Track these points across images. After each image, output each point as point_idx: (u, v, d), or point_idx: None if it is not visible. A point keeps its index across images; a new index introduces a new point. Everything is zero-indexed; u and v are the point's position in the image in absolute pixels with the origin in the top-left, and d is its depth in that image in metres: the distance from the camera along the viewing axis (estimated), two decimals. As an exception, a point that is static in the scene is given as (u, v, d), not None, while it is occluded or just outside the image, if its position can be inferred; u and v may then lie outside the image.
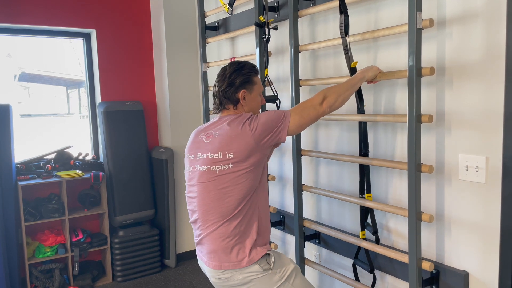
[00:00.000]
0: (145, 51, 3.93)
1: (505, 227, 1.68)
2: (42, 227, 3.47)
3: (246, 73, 1.82)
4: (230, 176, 1.72)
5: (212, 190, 1.74)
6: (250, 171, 1.72)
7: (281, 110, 1.77)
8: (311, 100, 1.78)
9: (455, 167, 1.85)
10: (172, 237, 3.77)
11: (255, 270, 1.74)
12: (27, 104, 3.99)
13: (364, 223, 2.21)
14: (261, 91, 1.91)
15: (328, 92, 1.79)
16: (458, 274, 1.85)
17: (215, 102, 1.88)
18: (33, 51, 3.82)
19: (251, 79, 1.84)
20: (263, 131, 1.71)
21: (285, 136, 1.75)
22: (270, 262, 1.76)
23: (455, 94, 1.82)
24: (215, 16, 3.40)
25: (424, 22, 1.73)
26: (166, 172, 3.68)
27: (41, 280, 3.26)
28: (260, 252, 1.76)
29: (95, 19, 3.67)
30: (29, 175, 3.36)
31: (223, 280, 1.77)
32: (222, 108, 1.85)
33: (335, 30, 2.36)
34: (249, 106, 1.85)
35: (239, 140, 1.70)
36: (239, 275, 1.74)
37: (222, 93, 1.82)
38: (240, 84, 1.81)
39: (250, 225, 1.76)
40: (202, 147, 1.80)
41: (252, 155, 1.71)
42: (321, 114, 1.78)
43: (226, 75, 1.82)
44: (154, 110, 4.01)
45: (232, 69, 1.83)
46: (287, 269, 1.80)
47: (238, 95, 1.81)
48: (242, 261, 1.73)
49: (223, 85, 1.82)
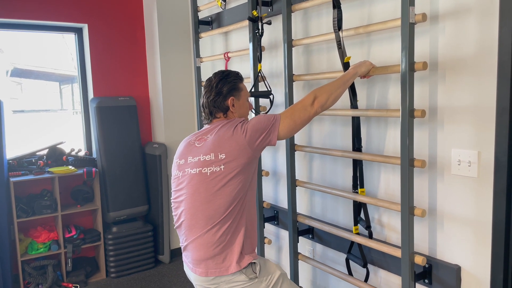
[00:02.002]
0: (138, 46, 3.91)
1: (497, 221, 1.69)
2: (35, 224, 3.45)
3: (232, 81, 1.86)
4: (221, 177, 1.71)
5: (202, 192, 1.74)
6: (241, 173, 1.73)
7: (272, 114, 1.78)
8: (302, 101, 1.78)
9: (448, 162, 1.86)
10: (166, 232, 3.76)
11: (241, 279, 1.73)
12: (19, 100, 3.95)
13: (357, 218, 2.22)
14: (248, 96, 1.95)
15: (319, 92, 1.78)
16: (451, 268, 1.86)
17: (204, 113, 1.90)
18: (25, 46, 3.78)
19: (238, 86, 1.88)
20: (253, 134, 1.72)
21: (276, 139, 1.76)
22: (256, 270, 1.76)
23: (448, 89, 1.83)
24: (208, 11, 3.38)
25: (417, 16, 1.73)
26: (159, 168, 3.67)
27: (34, 277, 3.25)
28: (246, 260, 1.75)
29: (87, 14, 3.64)
30: (21, 171, 3.33)
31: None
32: (213, 118, 1.88)
33: (328, 25, 2.36)
34: (238, 112, 1.89)
35: (231, 142, 1.72)
36: (225, 284, 1.74)
37: (211, 103, 1.85)
38: (228, 92, 1.84)
39: (238, 231, 1.76)
40: (193, 151, 1.81)
41: (243, 156, 1.72)
42: (313, 114, 1.78)
43: (213, 85, 1.86)
44: (147, 105, 3.99)
45: (218, 78, 1.87)
46: (273, 276, 1.80)
47: (227, 103, 1.84)
48: (229, 267, 1.72)
49: (211, 95, 1.85)
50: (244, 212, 1.78)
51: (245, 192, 1.77)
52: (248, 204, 1.80)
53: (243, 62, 3.08)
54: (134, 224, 3.64)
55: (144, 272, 3.64)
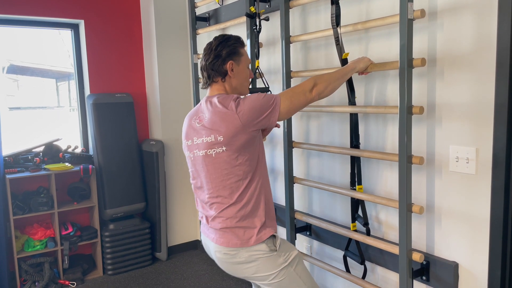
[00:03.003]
0: (135, 42, 3.88)
1: (494, 218, 1.69)
2: (31, 221, 3.43)
3: (232, 44, 1.81)
4: (226, 157, 1.72)
5: (214, 173, 1.76)
6: (245, 149, 1.72)
7: (271, 94, 1.74)
8: (302, 86, 1.76)
9: (446, 159, 1.85)
10: (163, 230, 3.75)
11: (262, 249, 1.75)
12: (16, 97, 3.92)
13: (355, 215, 2.21)
14: (249, 63, 1.89)
15: (319, 80, 1.77)
16: (448, 265, 1.86)
17: (203, 76, 1.86)
18: (22, 43, 3.75)
19: (238, 51, 1.82)
20: (250, 114, 1.68)
21: (276, 120, 1.73)
22: (276, 244, 1.78)
23: (446, 86, 1.82)
24: (205, 7, 3.37)
25: (416, 12, 1.72)
26: (156, 165, 3.65)
27: (31, 274, 3.23)
28: (268, 232, 1.77)
29: (83, 10, 3.61)
30: (17, 168, 3.31)
31: (229, 256, 1.78)
32: (211, 82, 1.84)
33: (326, 21, 2.35)
34: (237, 79, 1.83)
35: (226, 123, 1.69)
36: (245, 253, 1.75)
37: (209, 66, 1.80)
38: (227, 55, 1.79)
39: (258, 206, 1.78)
40: (197, 131, 1.80)
41: (240, 136, 1.69)
42: (309, 101, 1.77)
43: (212, 47, 1.81)
44: (144, 102, 3.98)
45: (218, 41, 1.82)
46: (291, 254, 1.81)
47: (225, 67, 1.79)
48: (250, 239, 1.74)
49: (209, 58, 1.80)
50: (259, 185, 1.79)
51: (255, 166, 1.77)
52: (262, 177, 1.80)
53: (241, 59, 3.07)
54: (131, 221, 3.63)
55: (141, 270, 3.63)
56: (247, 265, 1.76)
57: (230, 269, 1.83)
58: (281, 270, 1.76)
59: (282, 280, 1.77)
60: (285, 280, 1.77)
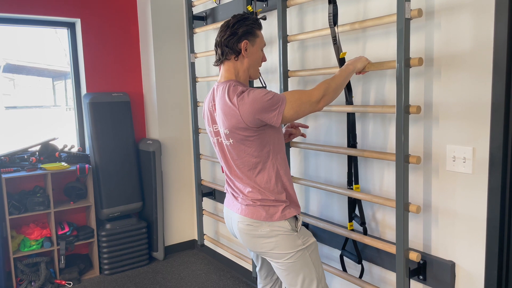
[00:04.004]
0: (132, 41, 3.87)
1: (491, 217, 1.69)
2: (27, 220, 3.42)
3: (250, 24, 1.81)
4: (236, 145, 1.78)
5: (233, 157, 1.83)
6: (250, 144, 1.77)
7: (278, 97, 1.71)
8: (310, 95, 1.74)
9: (443, 158, 1.86)
10: (160, 229, 3.74)
11: (284, 226, 1.79)
12: (12, 96, 3.90)
13: (352, 214, 2.21)
14: (263, 46, 1.90)
15: (327, 90, 1.76)
16: (445, 264, 1.86)
17: (216, 53, 1.87)
18: (18, 42, 3.73)
19: (254, 31, 1.83)
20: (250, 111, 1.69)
21: (279, 123, 1.73)
22: (297, 226, 1.82)
23: (443, 85, 1.82)
24: (202, 6, 3.36)
25: (413, 12, 1.72)
26: (153, 164, 3.65)
27: (27, 274, 3.22)
28: (292, 212, 1.82)
29: (80, 8, 3.60)
30: (13, 167, 3.30)
31: (251, 228, 1.81)
32: (224, 59, 1.84)
33: (323, 20, 2.34)
34: (250, 59, 1.84)
35: (229, 117, 1.74)
36: (267, 227, 1.78)
37: (224, 42, 1.81)
38: (243, 34, 1.80)
39: (281, 188, 1.83)
40: (213, 119, 1.88)
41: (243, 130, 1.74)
42: (316, 111, 1.78)
43: (230, 24, 1.82)
44: (141, 101, 3.96)
45: (236, 19, 1.82)
46: (309, 239, 1.86)
47: (240, 45, 1.80)
48: (274, 215, 1.79)
49: (225, 35, 1.81)
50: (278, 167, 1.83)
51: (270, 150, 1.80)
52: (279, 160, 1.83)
53: (238, 58, 3.06)
54: (128, 220, 3.62)
55: (138, 269, 3.63)
56: (267, 239, 1.79)
57: (249, 241, 1.85)
58: (298, 251, 1.80)
59: (296, 262, 1.80)
60: (299, 263, 1.81)
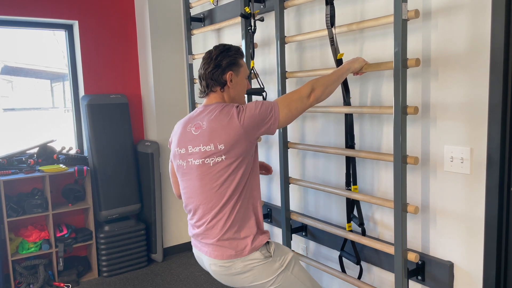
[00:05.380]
0: (129, 43, 3.87)
1: (489, 217, 1.70)
2: (25, 223, 3.41)
3: (233, 55, 1.80)
4: (224, 167, 1.70)
5: (209, 183, 1.73)
6: (242, 159, 1.71)
7: (268, 102, 1.74)
8: (299, 92, 1.76)
9: (440, 159, 1.86)
10: (159, 231, 3.74)
11: (257, 257, 1.74)
12: (10, 98, 3.90)
13: (351, 215, 2.21)
14: (247, 74, 1.89)
15: (316, 84, 1.77)
16: (443, 264, 1.86)
17: (201, 85, 1.84)
18: (16, 44, 3.73)
19: (238, 61, 1.82)
20: (251, 123, 1.69)
21: (276, 129, 1.75)
22: (270, 250, 1.77)
23: (441, 86, 1.82)
24: (200, 7, 3.36)
25: (410, 13, 1.72)
26: (152, 166, 3.64)
27: (25, 277, 3.21)
28: (261, 240, 1.77)
29: (77, 10, 3.59)
30: (11, 170, 3.29)
31: (224, 268, 1.77)
32: (209, 91, 1.82)
33: (321, 21, 2.35)
34: (235, 89, 1.83)
35: (228, 130, 1.68)
36: (240, 263, 1.74)
37: (209, 75, 1.79)
38: (227, 65, 1.78)
39: (249, 215, 1.77)
40: (192, 139, 1.77)
41: (241, 144, 1.69)
42: (308, 106, 1.77)
43: (212, 57, 1.79)
44: (139, 103, 3.96)
45: (218, 51, 1.80)
46: (286, 257, 1.80)
47: (225, 77, 1.78)
48: (244, 249, 1.73)
49: (209, 67, 1.79)
50: (251, 196, 1.78)
51: (248, 176, 1.76)
52: (254, 187, 1.80)
53: (236, 59, 3.06)
54: (127, 222, 3.62)
55: (136, 271, 3.62)
56: (243, 275, 1.75)
57: (227, 280, 1.81)
58: (279, 275, 1.76)
59: (281, 284, 1.77)
60: (284, 284, 1.77)
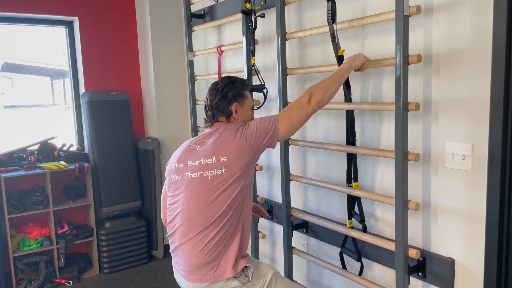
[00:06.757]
0: (130, 40, 3.86)
1: (490, 214, 1.69)
2: (26, 220, 3.42)
3: (238, 87, 1.87)
4: (222, 181, 1.70)
5: (202, 197, 1.71)
6: (241, 176, 1.72)
7: (269, 116, 1.78)
8: (298, 101, 1.78)
9: (442, 155, 1.85)
10: (160, 228, 3.74)
11: (235, 285, 1.73)
12: (10, 95, 3.89)
13: (352, 212, 2.21)
14: (252, 105, 1.96)
15: (314, 89, 1.79)
16: (444, 261, 1.86)
17: (207, 115, 1.91)
18: (16, 40, 3.72)
19: (243, 93, 1.89)
20: (254, 137, 1.74)
21: (276, 142, 1.79)
22: (248, 274, 1.76)
23: (442, 82, 1.82)
24: (201, 4, 3.35)
25: (411, 9, 1.72)
26: (152, 163, 3.64)
27: (26, 273, 3.22)
28: (241, 264, 1.75)
29: (78, 7, 3.59)
30: (12, 166, 3.29)
31: None
32: (215, 121, 1.89)
33: (322, 18, 2.34)
34: (240, 119, 1.90)
35: (232, 144, 1.72)
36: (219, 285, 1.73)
37: (215, 106, 1.86)
38: (233, 97, 1.85)
39: (234, 236, 1.75)
40: (194, 155, 1.79)
41: (244, 158, 1.72)
42: (310, 112, 1.78)
43: (219, 88, 1.87)
44: (140, 100, 3.96)
45: (224, 83, 1.88)
46: (266, 278, 1.80)
47: (230, 108, 1.85)
48: (223, 273, 1.71)
49: (215, 99, 1.86)
50: (241, 217, 1.77)
51: (243, 197, 1.76)
52: (245, 209, 1.79)
53: (237, 56, 3.06)
54: (128, 219, 3.62)
55: (137, 268, 3.63)
56: None
57: None
58: None
59: None
60: None
